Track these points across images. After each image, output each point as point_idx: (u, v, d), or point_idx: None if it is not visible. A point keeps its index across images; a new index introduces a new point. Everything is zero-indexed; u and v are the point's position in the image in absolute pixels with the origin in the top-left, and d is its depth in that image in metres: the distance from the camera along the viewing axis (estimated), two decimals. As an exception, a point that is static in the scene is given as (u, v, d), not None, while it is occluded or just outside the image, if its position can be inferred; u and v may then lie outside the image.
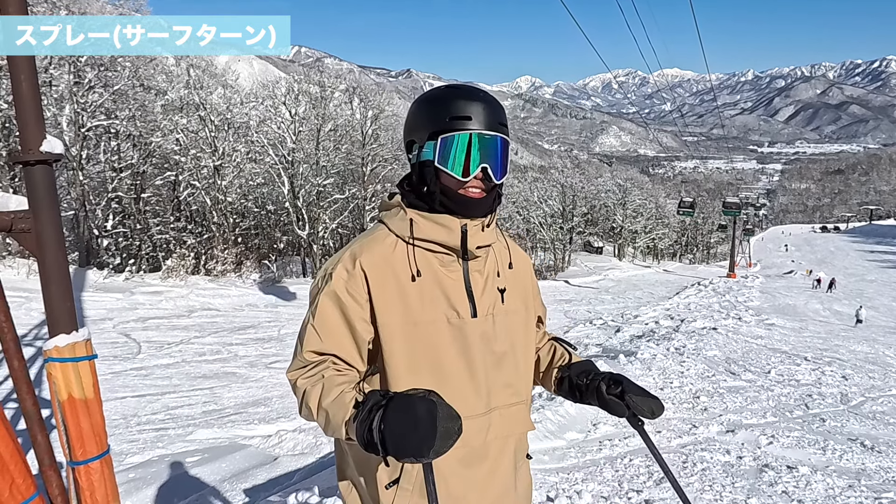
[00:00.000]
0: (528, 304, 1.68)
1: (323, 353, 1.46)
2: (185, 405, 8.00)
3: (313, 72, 32.82)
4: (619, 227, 63.36)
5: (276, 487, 4.90)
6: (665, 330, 14.21)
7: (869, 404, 7.79)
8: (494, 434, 1.56)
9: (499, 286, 1.60)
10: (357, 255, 1.50)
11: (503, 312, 1.59)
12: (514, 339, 1.62)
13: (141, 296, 17.80)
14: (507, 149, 1.50)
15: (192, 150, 25.34)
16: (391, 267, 1.49)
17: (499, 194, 1.55)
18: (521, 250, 1.76)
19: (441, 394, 1.35)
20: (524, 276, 1.70)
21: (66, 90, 20.89)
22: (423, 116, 1.49)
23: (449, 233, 1.48)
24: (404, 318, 1.47)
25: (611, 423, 6.20)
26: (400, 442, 1.16)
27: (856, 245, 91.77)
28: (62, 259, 2.38)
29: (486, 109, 1.45)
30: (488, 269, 1.59)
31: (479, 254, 1.53)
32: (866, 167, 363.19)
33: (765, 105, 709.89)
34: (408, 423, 1.16)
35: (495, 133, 1.45)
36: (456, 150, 1.44)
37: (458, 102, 1.45)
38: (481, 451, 1.54)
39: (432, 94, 1.51)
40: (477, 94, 1.47)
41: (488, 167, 1.45)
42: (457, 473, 1.51)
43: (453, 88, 1.50)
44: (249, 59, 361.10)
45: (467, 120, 1.43)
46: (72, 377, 2.25)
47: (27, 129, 2.30)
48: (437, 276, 1.51)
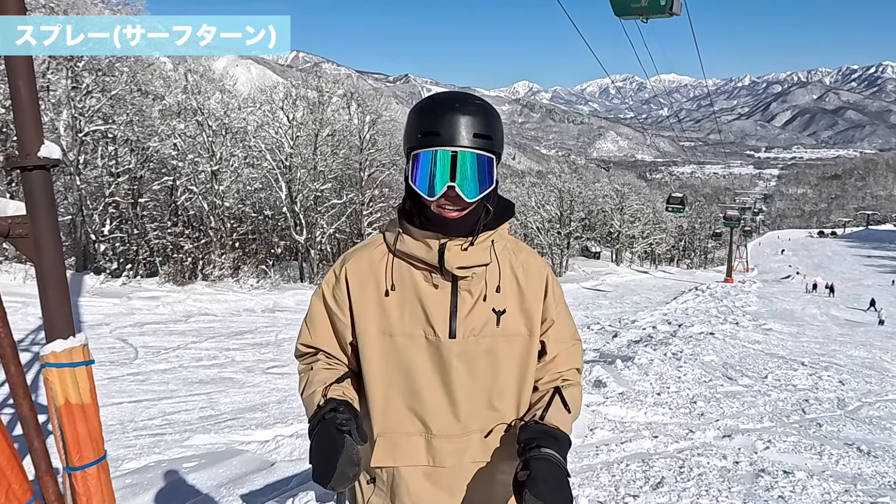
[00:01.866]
0: (532, 328, 1.56)
1: (312, 346, 1.61)
2: (182, 410, 7.98)
3: (311, 77, 32.86)
4: (617, 231, 63.46)
5: (273, 493, 4.88)
6: (662, 335, 14.23)
7: (866, 409, 7.79)
8: (472, 457, 1.53)
9: (496, 307, 1.51)
10: (346, 262, 1.56)
11: (498, 335, 1.52)
12: (508, 364, 1.54)
13: (138, 301, 17.75)
14: (486, 163, 1.39)
15: (190, 155, 25.32)
16: (374, 276, 1.52)
17: (488, 210, 1.46)
18: (540, 263, 1.63)
19: (415, 410, 1.50)
20: (532, 297, 1.56)
21: (64, 95, 20.88)
22: (406, 131, 1.45)
23: (427, 251, 1.45)
24: (381, 328, 1.50)
25: (607, 428, 6.20)
26: (313, 468, 1.35)
27: (853, 250, 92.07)
28: (59, 264, 2.38)
29: (459, 122, 1.35)
30: (480, 291, 1.51)
31: (461, 274, 1.46)
32: (863, 172, 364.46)
33: (762, 110, 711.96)
34: (315, 457, 1.35)
35: (464, 148, 1.35)
36: (422, 167, 1.38)
37: (428, 117, 1.38)
38: (455, 472, 1.52)
39: (414, 107, 1.45)
40: (451, 106, 1.38)
41: (456, 187, 1.35)
42: (423, 488, 1.52)
43: (431, 99, 1.44)
44: (247, 64, 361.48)
45: (434, 136, 1.36)
46: (69, 382, 2.25)
47: (25, 134, 2.31)
48: (417, 290, 1.49)
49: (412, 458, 1.52)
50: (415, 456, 1.52)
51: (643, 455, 5.38)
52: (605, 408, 6.95)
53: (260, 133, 28.33)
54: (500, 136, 1.43)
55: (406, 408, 1.51)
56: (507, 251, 1.58)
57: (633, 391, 7.82)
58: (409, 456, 1.52)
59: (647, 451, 5.55)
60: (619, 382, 8.10)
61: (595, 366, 8.85)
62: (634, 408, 7.03)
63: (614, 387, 7.80)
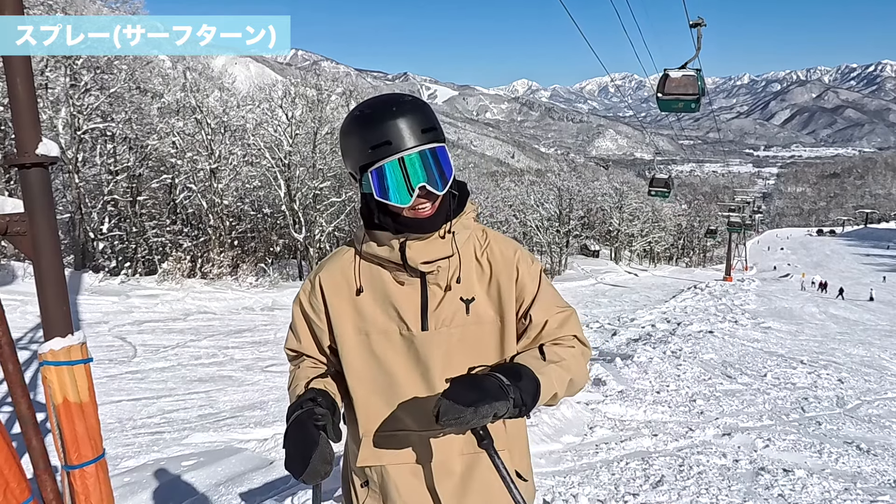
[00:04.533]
0: (504, 312, 1.53)
1: (297, 351, 1.67)
2: (181, 409, 7.98)
3: (310, 75, 32.83)
4: (616, 230, 63.48)
5: (272, 491, 4.88)
6: (661, 333, 14.23)
7: (865, 407, 7.80)
8: (460, 450, 1.53)
9: (463, 296, 1.51)
10: (319, 271, 1.61)
11: (468, 324, 1.51)
12: (484, 352, 1.53)
13: (137, 299, 17.74)
14: (441, 154, 1.40)
15: (189, 154, 25.31)
16: (346, 279, 1.56)
17: (453, 195, 1.50)
18: (509, 247, 1.58)
19: (395, 407, 1.51)
20: (502, 281, 1.54)
21: (63, 93, 20.86)
22: (348, 150, 1.43)
23: (389, 250, 1.47)
24: (356, 327, 1.54)
25: (607, 426, 6.20)
26: (286, 458, 1.38)
27: (851, 248, 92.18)
28: (58, 262, 2.37)
29: (404, 124, 1.35)
30: (447, 281, 1.51)
31: (426, 269, 1.47)
32: (862, 171, 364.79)
33: (760, 109, 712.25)
34: (290, 448, 1.38)
35: (420, 145, 1.36)
36: (388, 180, 1.36)
37: (372, 129, 1.36)
38: (442, 468, 1.52)
39: (347, 125, 1.42)
40: (390, 111, 1.37)
41: (426, 184, 1.36)
42: (410, 486, 1.52)
43: (366, 110, 1.40)
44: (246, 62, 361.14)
45: (386, 145, 1.35)
46: (67, 381, 2.24)
47: (23, 132, 2.30)
48: (386, 289, 1.52)
49: (398, 456, 1.52)
50: (400, 454, 1.52)
51: (643, 453, 5.38)
52: (605, 406, 6.95)
53: (259, 131, 28.31)
54: (438, 123, 1.44)
55: (388, 406, 1.52)
56: (473, 239, 1.56)
57: (632, 389, 7.83)
58: (395, 454, 1.53)
59: (646, 449, 5.55)
60: (619, 381, 8.11)
61: (594, 364, 8.85)
62: (634, 406, 7.04)
63: (614, 385, 7.81)
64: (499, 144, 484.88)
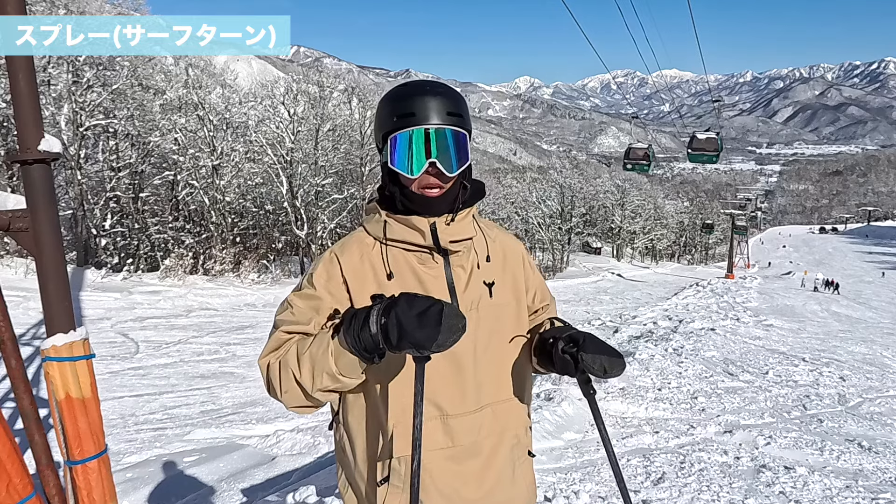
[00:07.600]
0: (519, 296, 1.64)
1: (299, 332, 1.48)
2: (183, 405, 7.99)
3: (312, 71, 32.84)
4: (618, 227, 63.44)
5: (274, 487, 4.90)
6: (663, 331, 14.21)
7: (866, 405, 7.79)
8: (487, 432, 1.54)
9: (485, 280, 1.57)
10: (338, 256, 1.53)
11: (491, 306, 1.56)
12: (505, 334, 1.59)
13: (139, 295, 17.78)
14: (462, 139, 1.45)
15: (191, 150, 25.33)
16: (370, 265, 1.52)
17: (465, 186, 1.52)
18: (512, 239, 1.72)
19: (427, 390, 1.44)
20: (514, 267, 1.66)
21: (65, 89, 20.87)
22: (377, 119, 1.49)
23: (420, 232, 1.48)
24: None
25: (608, 423, 6.20)
26: (403, 331, 1.21)
27: (854, 246, 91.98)
28: (60, 258, 2.37)
29: (431, 102, 1.41)
30: (471, 264, 1.56)
31: (456, 248, 1.51)
32: (864, 168, 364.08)
33: (763, 106, 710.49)
34: (413, 314, 1.22)
35: (441, 125, 1.41)
36: (401, 148, 1.42)
37: (402, 101, 1.43)
38: (472, 449, 1.52)
39: (382, 99, 1.50)
40: (422, 89, 1.44)
41: (437, 162, 1.41)
42: (446, 470, 1.50)
43: (401, 86, 1.49)
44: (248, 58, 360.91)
45: (410, 116, 1.41)
46: (69, 376, 2.25)
47: (25, 128, 2.30)
48: (415, 273, 1.51)
49: (431, 443, 1.50)
50: (433, 440, 1.50)
51: (644, 450, 5.38)
52: (606, 403, 6.96)
53: (261, 128, 28.32)
54: (468, 116, 1.50)
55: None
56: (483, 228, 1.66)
57: (633, 387, 7.83)
58: (428, 440, 1.49)
59: (648, 446, 5.56)
60: (620, 378, 8.10)
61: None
62: (635, 403, 7.04)
63: (615, 382, 7.80)
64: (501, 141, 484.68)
